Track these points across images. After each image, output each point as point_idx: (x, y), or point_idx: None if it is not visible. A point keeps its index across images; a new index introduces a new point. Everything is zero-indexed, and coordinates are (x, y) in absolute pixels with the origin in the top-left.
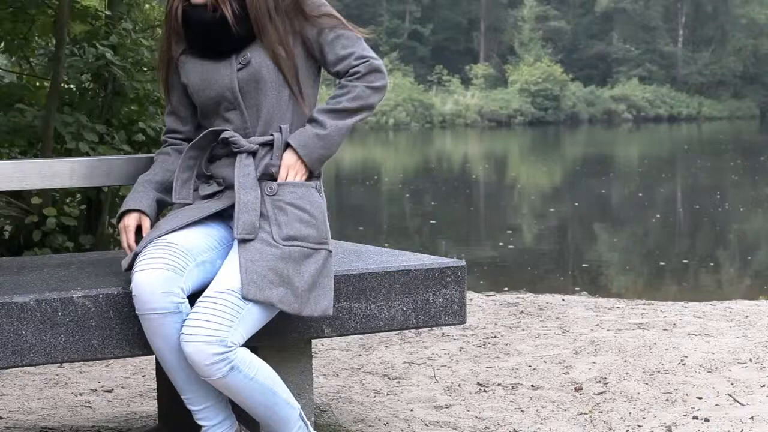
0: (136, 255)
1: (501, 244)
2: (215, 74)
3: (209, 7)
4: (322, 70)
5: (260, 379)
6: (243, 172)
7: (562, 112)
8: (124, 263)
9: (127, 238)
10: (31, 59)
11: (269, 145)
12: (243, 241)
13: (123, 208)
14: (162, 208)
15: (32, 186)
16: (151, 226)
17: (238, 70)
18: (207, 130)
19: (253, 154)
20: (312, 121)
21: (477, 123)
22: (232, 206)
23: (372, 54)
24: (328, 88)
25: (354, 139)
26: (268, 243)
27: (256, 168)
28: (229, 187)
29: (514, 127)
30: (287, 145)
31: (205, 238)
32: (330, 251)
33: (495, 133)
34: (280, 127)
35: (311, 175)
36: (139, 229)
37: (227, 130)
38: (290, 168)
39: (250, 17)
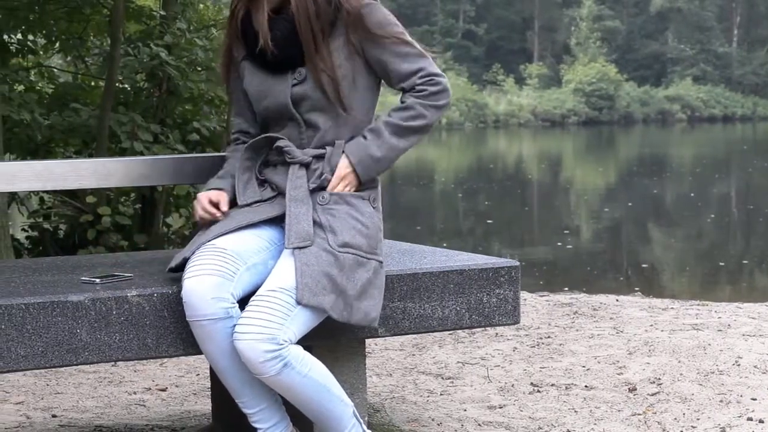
0: (185, 256)
1: (559, 244)
2: (272, 87)
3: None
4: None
5: (313, 376)
6: (295, 184)
7: (617, 112)
8: (172, 263)
9: (202, 206)
10: (86, 59)
11: (322, 157)
12: (298, 247)
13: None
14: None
15: (87, 185)
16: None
17: (293, 85)
18: (262, 136)
19: (306, 165)
20: (372, 132)
21: (530, 123)
22: (283, 214)
23: (438, 71)
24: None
25: None
26: (324, 248)
27: (308, 179)
28: (282, 193)
29: (568, 126)
30: (343, 153)
31: (255, 239)
32: (381, 262)
33: (548, 133)
34: (335, 142)
35: (362, 185)
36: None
37: (282, 138)
38: (343, 179)
39: (301, 39)
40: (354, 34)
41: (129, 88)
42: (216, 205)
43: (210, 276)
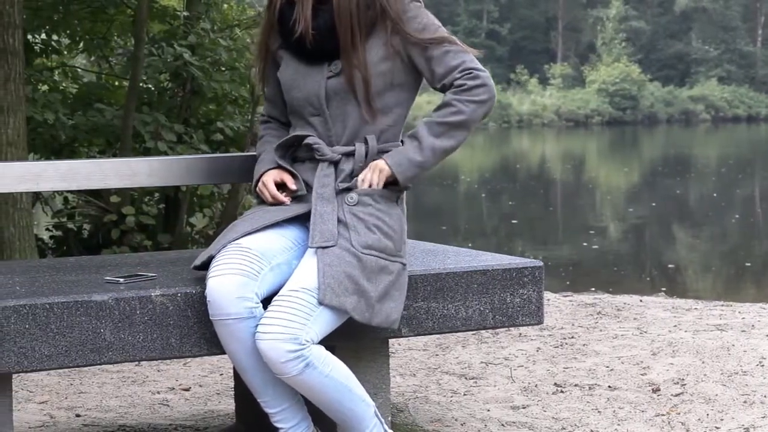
0: (210, 255)
1: (584, 244)
2: (306, 77)
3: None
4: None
5: (335, 376)
6: (322, 182)
7: (640, 112)
8: (197, 261)
9: (269, 190)
10: (110, 59)
11: (352, 155)
12: (321, 247)
13: (255, 177)
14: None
15: (111, 185)
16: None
17: (328, 77)
18: (291, 135)
19: (335, 164)
20: (410, 137)
21: (554, 123)
22: (309, 211)
23: (478, 66)
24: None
25: None
26: (347, 249)
27: (336, 178)
28: (310, 190)
29: (592, 127)
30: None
31: (280, 239)
32: (404, 265)
33: (572, 133)
34: (366, 138)
35: (395, 185)
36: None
37: (311, 135)
38: (374, 171)
39: (340, 34)
40: (396, 37)
41: (153, 88)
42: (281, 186)
43: (234, 275)
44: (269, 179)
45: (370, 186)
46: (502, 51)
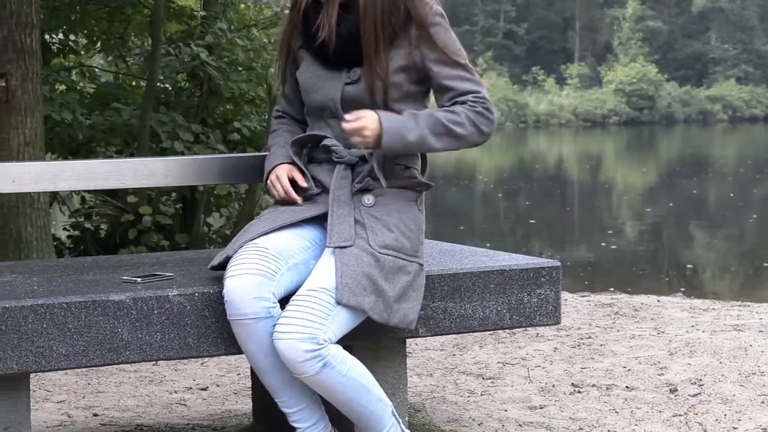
0: (227, 255)
1: (603, 244)
2: (324, 81)
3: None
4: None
5: (353, 376)
6: (339, 184)
7: (657, 112)
8: (214, 261)
9: (282, 184)
10: (127, 59)
11: (369, 157)
12: (339, 246)
13: (268, 168)
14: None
15: (128, 185)
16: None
17: (346, 84)
18: (308, 133)
19: (352, 166)
20: (415, 120)
21: (571, 123)
22: (326, 212)
23: (490, 101)
24: None
25: None
26: (364, 249)
27: (353, 180)
28: (326, 191)
29: (609, 126)
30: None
31: (297, 239)
32: (422, 265)
33: (589, 133)
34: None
35: (378, 148)
36: (294, 184)
37: (329, 137)
38: (364, 128)
39: (362, 42)
40: (418, 48)
41: (170, 88)
42: (293, 183)
43: (251, 275)
44: (283, 173)
45: (352, 131)
46: (519, 51)
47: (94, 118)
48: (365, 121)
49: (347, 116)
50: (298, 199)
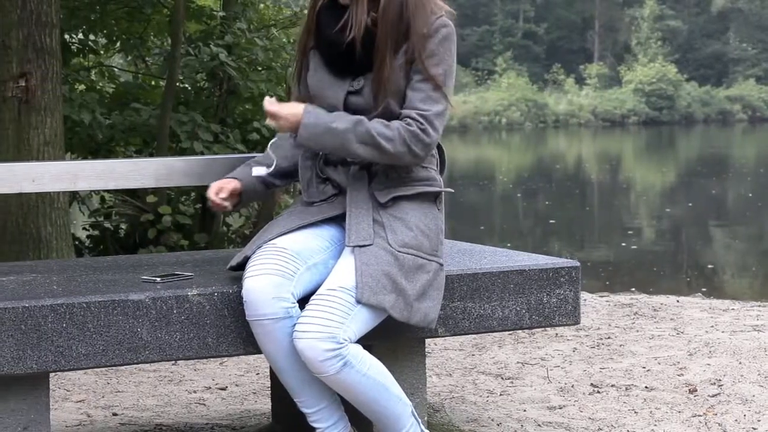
0: (246, 255)
1: (623, 244)
2: (328, 88)
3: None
4: None
5: (372, 375)
6: (356, 185)
7: (677, 112)
8: (233, 261)
9: (208, 193)
10: (146, 58)
11: None
12: (358, 246)
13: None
14: (269, 188)
15: (148, 185)
16: (242, 194)
17: (349, 92)
18: None
19: (366, 166)
20: (345, 122)
21: (591, 123)
22: (344, 212)
23: (437, 126)
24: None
25: (467, 139)
26: (383, 248)
27: (370, 181)
28: (343, 192)
29: (628, 127)
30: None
31: (316, 239)
32: (441, 265)
33: (609, 133)
34: None
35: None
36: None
37: None
38: (277, 115)
39: (375, 49)
40: (413, 54)
41: (189, 88)
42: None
43: (270, 275)
44: (214, 183)
45: (267, 113)
46: (538, 50)
47: (114, 118)
48: (284, 109)
49: (267, 98)
50: (225, 204)
